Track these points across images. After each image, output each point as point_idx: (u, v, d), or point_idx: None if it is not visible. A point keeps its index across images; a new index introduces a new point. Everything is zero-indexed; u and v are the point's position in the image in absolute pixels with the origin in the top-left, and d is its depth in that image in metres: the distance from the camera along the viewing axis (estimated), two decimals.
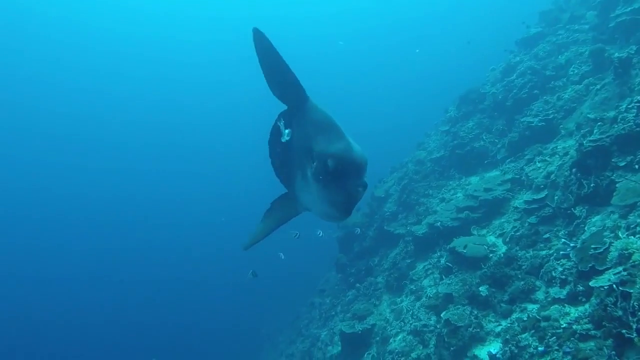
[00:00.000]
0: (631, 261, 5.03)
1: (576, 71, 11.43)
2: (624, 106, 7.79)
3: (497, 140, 12.47)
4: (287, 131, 3.16)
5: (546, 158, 9.84)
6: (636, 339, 4.37)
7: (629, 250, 5.28)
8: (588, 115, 8.99)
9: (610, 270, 5.38)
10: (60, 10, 52.58)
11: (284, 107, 3.34)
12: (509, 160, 11.34)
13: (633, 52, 9.12)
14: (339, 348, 11.38)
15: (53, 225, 48.49)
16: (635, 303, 4.34)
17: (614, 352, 4.75)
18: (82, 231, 47.08)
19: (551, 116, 10.80)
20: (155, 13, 58.69)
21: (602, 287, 5.26)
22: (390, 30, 62.37)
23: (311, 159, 2.81)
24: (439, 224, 11.00)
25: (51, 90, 56.84)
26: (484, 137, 12.90)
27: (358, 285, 13.38)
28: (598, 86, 9.95)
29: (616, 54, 9.43)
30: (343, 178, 2.54)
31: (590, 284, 5.61)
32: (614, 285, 4.93)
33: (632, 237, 5.54)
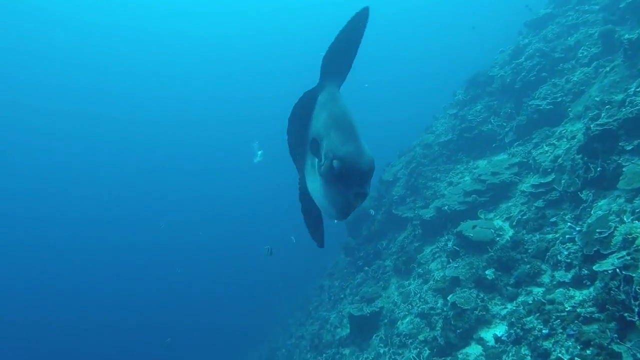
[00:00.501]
0: (635, 246, 5.08)
1: (585, 53, 11.31)
2: (632, 89, 7.75)
3: (505, 124, 12.43)
4: (260, 152, 3.10)
5: (554, 141, 9.82)
6: (638, 322, 4.45)
7: (633, 235, 5.32)
8: (596, 98, 8.95)
9: (614, 255, 5.43)
10: (61, 8, 52.34)
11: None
12: (517, 143, 11.32)
13: None
14: (348, 330, 11.56)
15: (55, 227, 48.33)
16: (637, 287, 4.40)
17: (615, 335, 4.84)
18: (82, 232, 46.90)
19: (559, 99, 10.74)
20: (158, 9, 58.42)
21: (606, 271, 5.33)
22: (397, 20, 62.07)
23: (320, 151, 2.77)
24: (446, 207, 11.06)
25: (56, 90, 56.60)
26: (492, 121, 12.86)
27: (366, 268, 13.53)
28: (607, 68, 9.87)
29: (626, 35, 9.32)
30: (346, 183, 2.49)
31: (594, 268, 5.68)
32: (617, 270, 4.99)
33: (637, 221, 5.58)
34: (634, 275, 4.56)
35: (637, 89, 7.55)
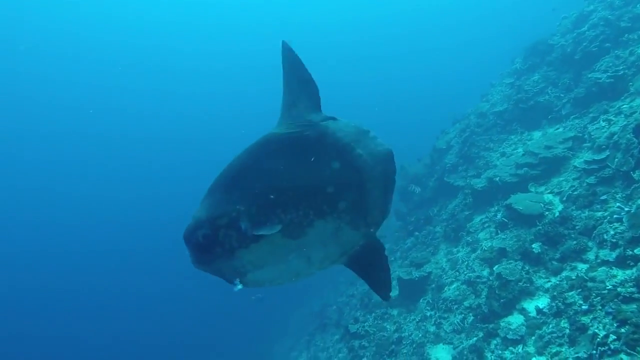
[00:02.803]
0: None
1: None
2: None
3: (562, 95, 12.26)
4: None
5: (611, 117, 9.74)
6: None
7: None
8: None
9: None
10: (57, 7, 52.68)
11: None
12: (573, 116, 11.23)
13: None
14: (397, 292, 12.14)
15: (54, 227, 47.87)
16: None
17: None
18: (80, 232, 46.64)
19: (621, 72, 10.51)
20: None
21: None
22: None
23: None
24: (497, 179, 11.24)
25: (56, 88, 56.85)
26: (549, 91, 12.70)
27: (417, 233, 13.96)
28: None
29: None
30: None
31: (636, 251, 5.92)
32: None
33: None
34: None
35: None
